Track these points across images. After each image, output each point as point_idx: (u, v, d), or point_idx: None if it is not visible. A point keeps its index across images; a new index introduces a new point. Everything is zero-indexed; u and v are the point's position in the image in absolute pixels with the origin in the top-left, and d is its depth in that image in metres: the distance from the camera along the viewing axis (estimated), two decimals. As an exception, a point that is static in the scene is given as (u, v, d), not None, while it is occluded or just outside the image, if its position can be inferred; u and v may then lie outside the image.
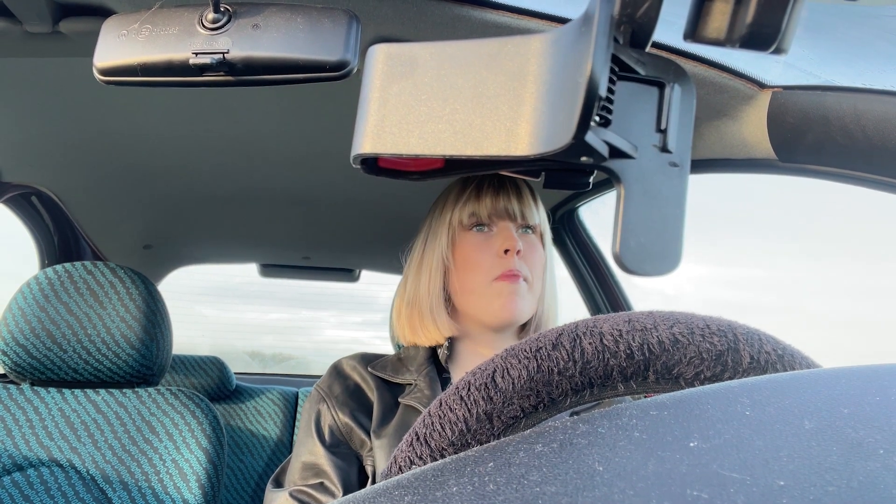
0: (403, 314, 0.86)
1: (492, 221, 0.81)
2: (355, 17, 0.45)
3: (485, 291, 0.79)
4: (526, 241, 0.81)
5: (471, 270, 0.80)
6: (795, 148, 0.67)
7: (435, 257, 0.83)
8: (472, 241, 0.80)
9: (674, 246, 0.28)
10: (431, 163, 0.35)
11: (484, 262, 0.79)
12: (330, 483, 0.73)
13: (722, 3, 0.27)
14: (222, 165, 1.28)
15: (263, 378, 2.26)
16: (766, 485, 0.18)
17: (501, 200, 0.80)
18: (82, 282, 1.06)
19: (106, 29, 0.46)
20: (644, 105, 0.29)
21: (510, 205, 0.80)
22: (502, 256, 0.78)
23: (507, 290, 0.77)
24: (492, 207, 0.80)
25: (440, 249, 0.82)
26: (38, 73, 0.92)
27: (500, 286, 0.78)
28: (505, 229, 0.80)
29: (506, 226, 0.80)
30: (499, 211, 0.80)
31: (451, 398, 0.32)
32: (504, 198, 0.80)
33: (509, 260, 0.78)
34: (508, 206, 0.80)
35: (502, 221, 0.80)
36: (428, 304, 0.82)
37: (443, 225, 0.83)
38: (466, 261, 0.80)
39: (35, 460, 0.99)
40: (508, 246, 0.78)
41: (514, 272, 0.77)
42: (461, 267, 0.81)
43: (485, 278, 0.78)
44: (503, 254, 0.78)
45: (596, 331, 0.32)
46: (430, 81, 0.29)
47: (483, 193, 0.80)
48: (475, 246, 0.80)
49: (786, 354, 0.32)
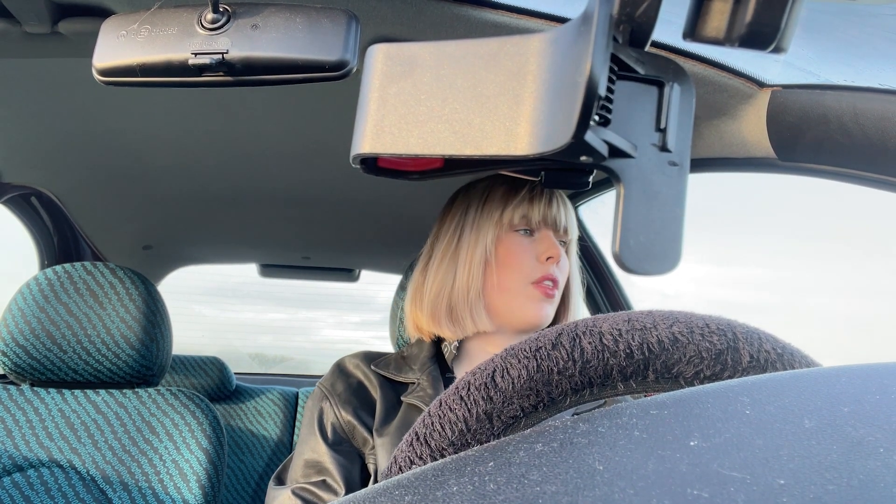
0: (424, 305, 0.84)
1: (538, 227, 0.83)
2: (354, 17, 0.45)
3: (521, 292, 0.80)
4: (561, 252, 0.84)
5: (512, 269, 0.81)
6: (795, 147, 0.67)
7: (477, 251, 0.82)
8: (517, 242, 0.82)
9: (673, 245, 0.28)
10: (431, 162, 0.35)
11: (526, 263, 0.81)
12: (332, 481, 0.73)
13: (721, 3, 0.27)
14: (222, 166, 1.28)
15: (263, 378, 2.26)
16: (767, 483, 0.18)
17: (553, 209, 0.83)
18: (82, 282, 1.05)
19: (105, 29, 0.46)
20: (643, 104, 0.29)
21: (559, 215, 0.83)
22: (544, 262, 0.81)
23: (540, 296, 0.80)
24: (544, 214, 0.82)
25: (484, 244, 0.82)
26: (38, 73, 0.92)
27: (534, 292, 0.80)
28: (548, 237, 0.82)
29: (548, 234, 0.83)
30: (548, 219, 0.83)
31: (451, 398, 0.32)
32: (555, 207, 0.83)
33: (549, 266, 0.81)
34: (558, 217, 0.83)
35: (546, 229, 0.83)
36: (466, 299, 0.81)
37: (489, 221, 0.83)
38: (509, 259, 0.81)
39: (35, 461, 0.99)
40: (552, 254, 0.80)
41: (552, 277, 0.80)
42: (503, 264, 0.81)
43: (524, 280, 0.80)
44: (545, 260, 0.81)
45: (595, 330, 0.32)
46: (430, 81, 0.29)
47: (536, 199, 0.83)
48: (520, 247, 0.82)
49: (785, 353, 0.32)
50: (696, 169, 0.88)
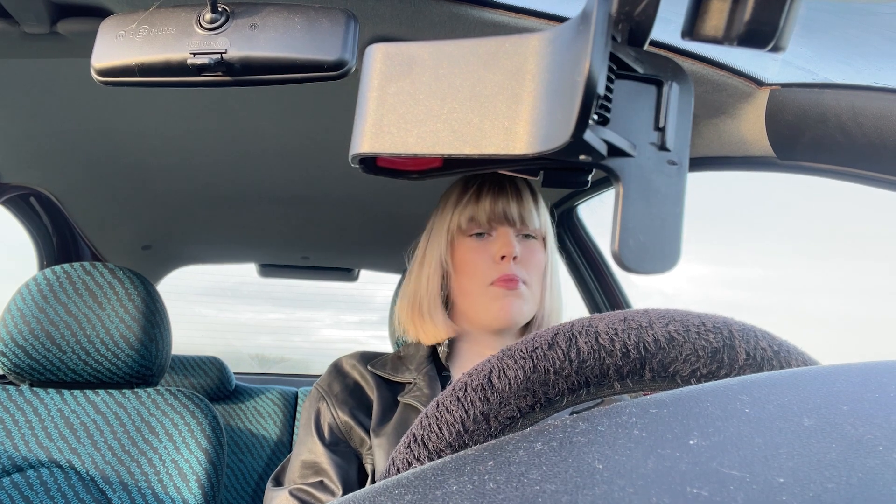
0: (405, 311, 0.86)
1: (491, 226, 0.80)
2: (353, 17, 0.45)
3: (481, 295, 0.79)
4: (525, 245, 0.80)
5: (468, 275, 0.80)
6: (793, 145, 0.67)
7: (434, 259, 0.83)
8: (470, 246, 0.80)
9: (672, 244, 0.28)
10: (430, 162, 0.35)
11: (480, 266, 0.79)
12: (329, 481, 0.73)
13: (720, 2, 0.27)
14: (220, 166, 1.28)
15: (263, 378, 2.26)
16: (766, 482, 0.18)
17: (500, 204, 0.79)
18: (81, 282, 1.05)
19: (103, 29, 0.46)
20: (642, 103, 0.29)
21: (509, 209, 0.79)
22: (499, 262, 0.78)
23: (503, 294, 0.77)
24: (490, 212, 0.79)
25: (439, 252, 0.83)
26: (36, 73, 0.92)
27: (495, 290, 0.78)
28: (504, 235, 0.79)
29: (505, 231, 0.80)
30: (497, 215, 0.79)
31: (448, 399, 0.32)
32: (503, 202, 0.79)
33: (505, 265, 0.78)
34: (507, 211, 0.79)
35: (501, 227, 0.80)
36: (427, 305, 0.83)
37: (442, 228, 0.83)
38: (464, 265, 0.80)
39: (35, 461, 0.99)
40: (505, 252, 0.78)
41: (509, 276, 0.77)
42: (459, 271, 0.81)
43: (481, 282, 0.79)
44: (500, 259, 0.78)
45: (591, 330, 0.32)
46: (429, 80, 0.29)
47: (482, 197, 0.80)
48: (473, 251, 0.80)
49: (781, 350, 0.32)
50: (695, 168, 0.88)
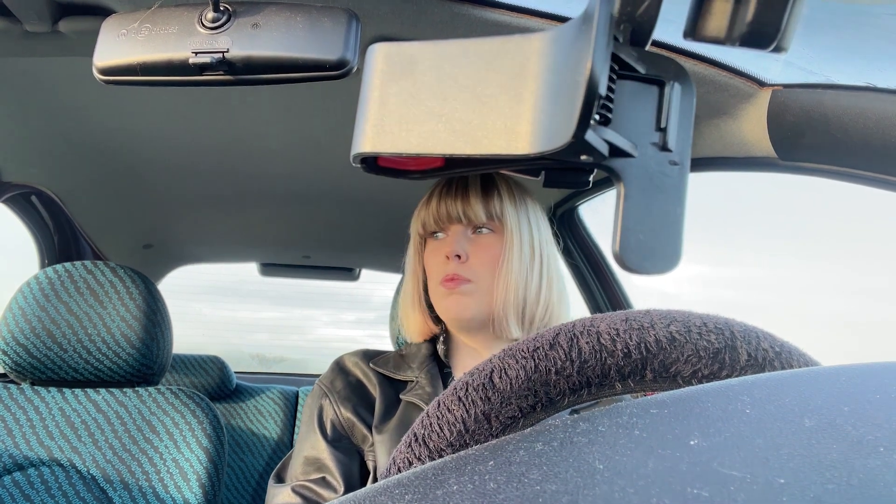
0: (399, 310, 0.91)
1: (442, 227, 0.82)
2: (355, 16, 0.45)
3: (435, 295, 0.82)
4: (477, 242, 0.80)
5: (429, 275, 0.84)
6: (795, 146, 0.67)
7: (410, 262, 0.88)
8: (430, 248, 0.84)
9: (674, 244, 0.28)
10: (431, 161, 0.35)
11: (434, 266, 0.82)
12: (331, 478, 0.73)
13: (722, 2, 0.27)
14: (222, 165, 1.28)
15: (264, 377, 2.26)
16: (767, 482, 0.18)
17: (444, 205, 0.81)
18: (82, 281, 1.06)
19: (105, 28, 0.46)
20: (644, 104, 0.29)
21: (452, 208, 0.80)
22: (447, 261, 0.80)
23: (445, 293, 0.80)
24: (436, 213, 0.81)
25: (412, 254, 0.87)
26: (38, 72, 0.92)
27: (441, 290, 0.80)
28: (453, 234, 0.81)
29: (455, 230, 0.81)
30: (441, 216, 0.81)
31: (449, 399, 0.32)
32: (448, 201, 0.81)
33: (450, 264, 0.79)
34: (451, 210, 0.80)
35: (452, 225, 0.82)
36: (410, 306, 0.87)
37: (414, 233, 0.87)
38: (428, 266, 0.84)
39: (35, 460, 0.99)
40: (446, 252, 0.80)
41: (449, 276, 0.79)
42: (427, 272, 0.85)
43: (435, 282, 0.81)
44: (445, 259, 0.80)
45: (593, 330, 0.32)
46: (430, 80, 0.29)
47: (432, 199, 0.82)
48: (431, 252, 0.83)
49: (783, 351, 0.32)
50: (697, 168, 0.88)
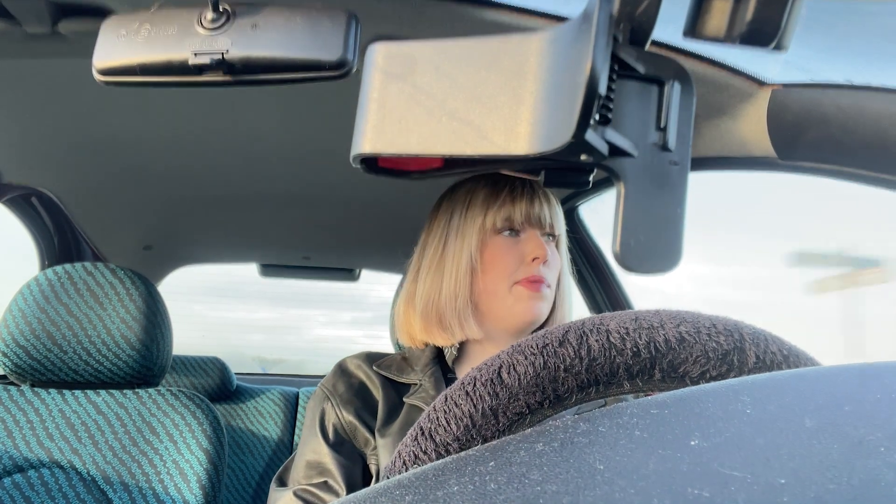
0: (416, 313, 0.84)
1: (522, 228, 0.82)
2: (355, 17, 0.44)
3: (507, 295, 0.79)
4: (550, 248, 0.82)
5: (497, 273, 0.80)
6: (795, 145, 0.67)
7: (462, 258, 0.81)
8: (502, 244, 0.81)
9: (674, 244, 0.28)
10: (431, 161, 0.35)
11: (510, 265, 0.79)
12: (334, 482, 0.73)
13: (721, 1, 0.27)
14: (222, 165, 1.28)
15: (264, 378, 2.26)
16: (767, 483, 0.18)
17: (536, 208, 0.81)
18: (82, 283, 1.05)
19: (105, 29, 0.46)
20: (644, 103, 0.29)
21: (543, 213, 0.81)
22: (529, 263, 0.79)
23: (528, 295, 0.78)
24: (526, 214, 0.80)
25: (468, 251, 0.81)
26: (38, 73, 0.92)
27: (520, 291, 0.78)
28: (534, 237, 0.80)
29: (535, 233, 0.81)
30: (532, 218, 0.81)
31: (457, 393, 0.32)
32: (538, 205, 0.81)
33: (535, 267, 0.79)
34: (542, 215, 0.81)
35: (532, 229, 0.81)
36: (454, 307, 0.81)
37: (473, 226, 0.82)
38: (494, 263, 0.80)
39: (36, 461, 0.99)
40: (538, 254, 0.79)
41: (538, 278, 0.79)
42: (488, 269, 0.80)
43: (508, 282, 0.79)
44: (531, 261, 0.79)
45: (603, 328, 0.32)
46: (430, 80, 0.29)
47: (517, 199, 0.81)
48: (505, 249, 0.80)
49: (791, 355, 0.32)
50: (697, 168, 0.88)
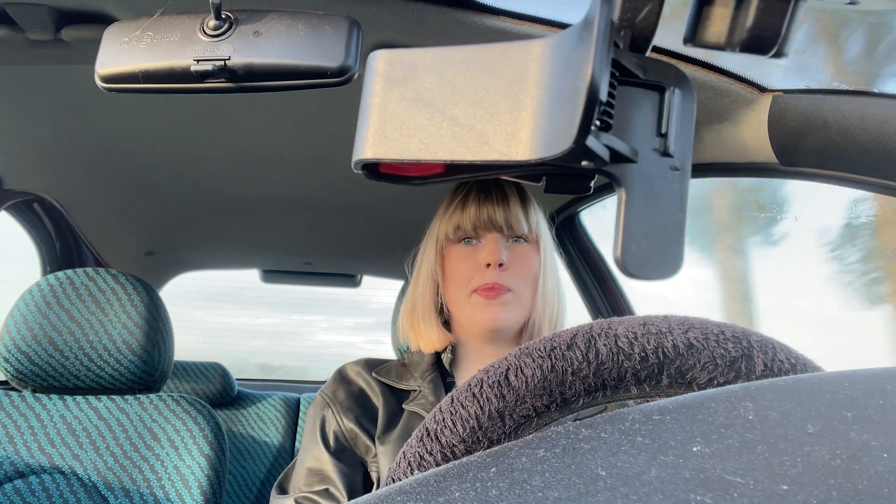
0: (406, 319, 0.87)
1: (478, 233, 0.80)
2: (356, 23, 0.45)
3: (466, 303, 0.79)
4: (514, 251, 0.80)
5: (454, 283, 0.80)
6: (796, 151, 0.67)
7: (425, 269, 0.84)
8: (459, 254, 0.80)
9: (675, 250, 0.28)
10: (433, 167, 0.35)
11: (465, 274, 0.79)
12: (335, 489, 0.72)
13: (722, 8, 0.27)
14: (224, 172, 1.28)
15: (265, 384, 2.26)
16: (769, 489, 0.18)
17: (486, 211, 0.78)
18: (84, 288, 1.06)
19: (107, 36, 0.46)
20: (644, 109, 0.29)
21: (495, 215, 0.78)
22: (485, 269, 0.77)
23: (485, 304, 0.77)
24: (476, 219, 0.79)
25: (429, 262, 0.83)
26: (41, 80, 0.92)
27: (477, 299, 0.77)
28: (491, 241, 0.78)
29: (493, 238, 0.79)
30: (483, 222, 0.79)
31: (464, 395, 0.32)
32: (489, 208, 0.78)
33: (490, 273, 0.77)
34: (493, 217, 0.78)
35: (489, 233, 0.79)
36: (421, 314, 0.84)
37: (432, 237, 0.83)
38: (451, 273, 0.80)
39: (37, 467, 0.99)
40: (490, 260, 0.77)
41: (491, 285, 0.77)
42: (448, 279, 0.81)
43: (465, 291, 0.79)
44: (485, 267, 0.77)
45: (611, 333, 0.32)
46: (431, 87, 0.29)
47: (468, 204, 0.79)
48: (461, 258, 0.80)
49: (798, 363, 0.31)
50: (698, 174, 0.88)
